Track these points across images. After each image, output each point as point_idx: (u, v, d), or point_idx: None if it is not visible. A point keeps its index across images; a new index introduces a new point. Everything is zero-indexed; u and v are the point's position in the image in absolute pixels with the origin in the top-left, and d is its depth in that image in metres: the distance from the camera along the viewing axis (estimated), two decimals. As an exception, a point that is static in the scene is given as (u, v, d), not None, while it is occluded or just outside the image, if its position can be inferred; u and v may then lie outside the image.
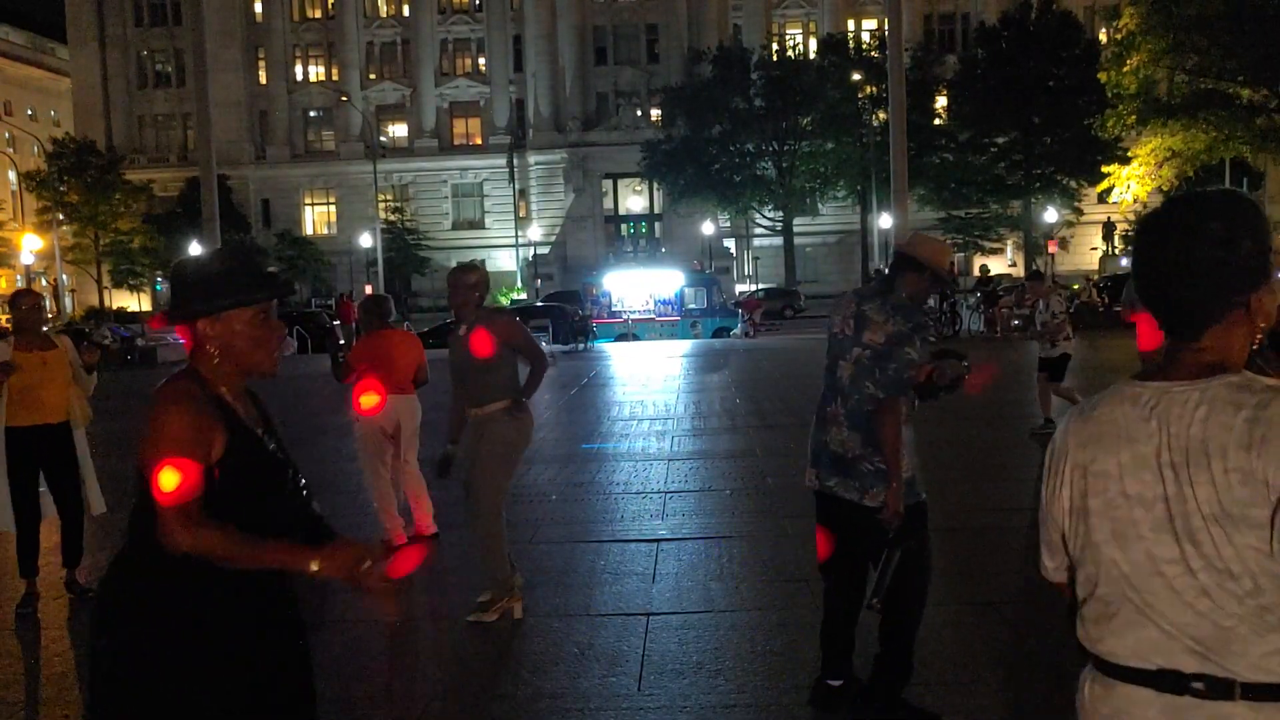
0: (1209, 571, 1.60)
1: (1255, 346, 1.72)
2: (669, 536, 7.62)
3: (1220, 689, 1.60)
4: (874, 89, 51.90)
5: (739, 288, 53.19)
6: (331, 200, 67.82)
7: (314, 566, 2.30)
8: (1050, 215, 53.99)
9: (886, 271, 4.50)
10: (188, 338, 2.42)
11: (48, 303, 7.34)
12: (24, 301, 6.59)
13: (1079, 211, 54.36)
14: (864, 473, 4.22)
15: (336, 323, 33.69)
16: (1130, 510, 1.67)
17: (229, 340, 2.39)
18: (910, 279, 4.30)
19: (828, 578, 4.50)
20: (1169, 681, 1.64)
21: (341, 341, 18.31)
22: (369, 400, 7.13)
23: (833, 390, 4.32)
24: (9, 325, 6.49)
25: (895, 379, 4.13)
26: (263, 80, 67.75)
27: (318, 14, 68.33)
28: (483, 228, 66.67)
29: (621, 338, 33.40)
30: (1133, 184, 37.84)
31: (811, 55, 58.46)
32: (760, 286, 54.82)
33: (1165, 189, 40.91)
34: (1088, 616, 1.76)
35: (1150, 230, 1.74)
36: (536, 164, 64.63)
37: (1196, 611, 1.61)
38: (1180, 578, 1.62)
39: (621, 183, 63.80)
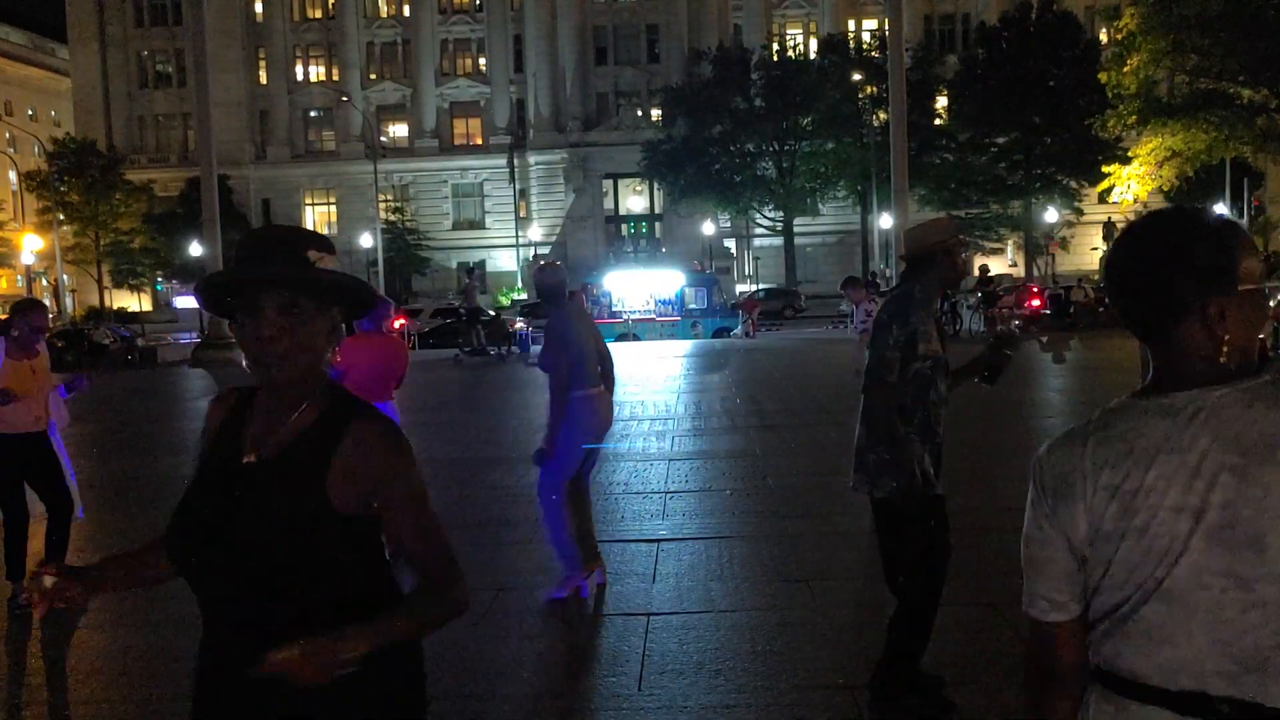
0: (1269, 581, 1.52)
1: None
2: (669, 536, 7.62)
3: (1248, 714, 1.53)
4: (874, 89, 51.87)
5: (739, 288, 53.15)
6: (332, 200, 67.79)
7: None
8: (1051, 215, 53.99)
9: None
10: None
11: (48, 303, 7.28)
12: (39, 318, 6.53)
13: (1079, 211, 54.33)
14: (869, 464, 4.32)
15: None
16: (1175, 524, 1.57)
17: None
18: (912, 272, 4.38)
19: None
20: (1193, 704, 1.56)
21: None
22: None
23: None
24: (16, 332, 6.45)
25: (874, 363, 4.22)
26: (263, 80, 67.74)
27: (318, 14, 68.32)
28: (483, 228, 66.65)
29: (622, 338, 33.37)
30: (1133, 184, 37.78)
31: (812, 55, 58.40)
32: (760, 287, 54.79)
33: (1165, 189, 40.92)
34: (1104, 633, 1.66)
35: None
36: (537, 164, 64.62)
37: (1239, 629, 1.54)
38: (1229, 591, 1.54)
39: (622, 183, 63.80)
